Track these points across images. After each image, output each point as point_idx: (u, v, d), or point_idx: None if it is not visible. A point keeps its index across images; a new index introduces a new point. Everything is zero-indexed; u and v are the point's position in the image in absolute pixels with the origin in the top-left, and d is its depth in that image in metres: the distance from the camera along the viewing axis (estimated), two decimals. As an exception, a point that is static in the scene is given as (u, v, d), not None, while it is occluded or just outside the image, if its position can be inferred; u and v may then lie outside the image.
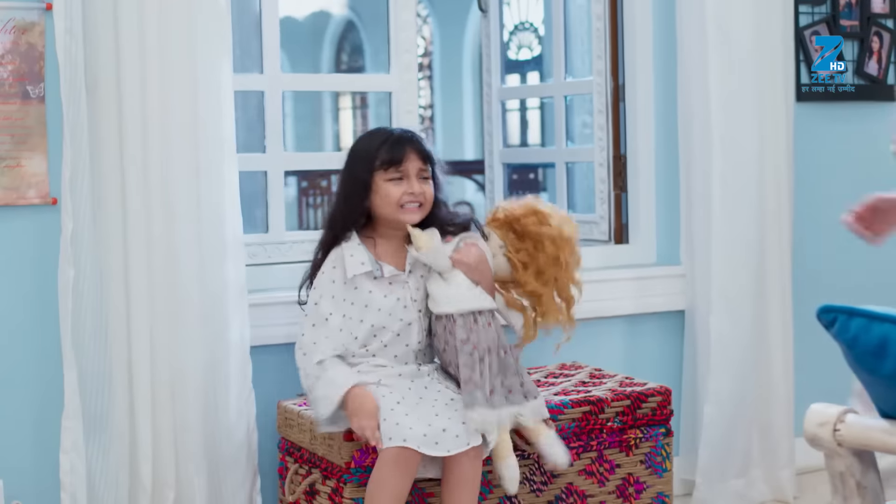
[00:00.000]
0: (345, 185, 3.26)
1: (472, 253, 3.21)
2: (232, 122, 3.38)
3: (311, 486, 3.28)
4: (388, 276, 3.19)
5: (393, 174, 3.18)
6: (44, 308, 3.29)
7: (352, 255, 3.19)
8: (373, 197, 3.20)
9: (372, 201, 3.20)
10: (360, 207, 3.21)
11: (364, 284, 3.18)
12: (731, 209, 4.03)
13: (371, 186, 3.19)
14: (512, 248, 3.27)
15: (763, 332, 4.11)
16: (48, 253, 3.27)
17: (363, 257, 3.19)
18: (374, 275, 3.19)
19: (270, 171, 3.77)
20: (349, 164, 3.26)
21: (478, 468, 3.08)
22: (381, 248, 3.23)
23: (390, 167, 3.18)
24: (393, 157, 3.18)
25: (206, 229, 3.33)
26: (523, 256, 3.26)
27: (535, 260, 3.26)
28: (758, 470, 4.16)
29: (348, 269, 3.17)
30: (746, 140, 4.04)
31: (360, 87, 5.78)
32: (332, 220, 3.26)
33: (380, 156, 3.19)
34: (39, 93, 3.28)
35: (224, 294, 3.37)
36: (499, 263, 3.29)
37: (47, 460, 3.28)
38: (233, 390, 3.39)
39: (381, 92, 3.95)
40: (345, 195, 3.24)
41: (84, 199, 3.20)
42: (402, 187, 3.18)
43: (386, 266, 3.20)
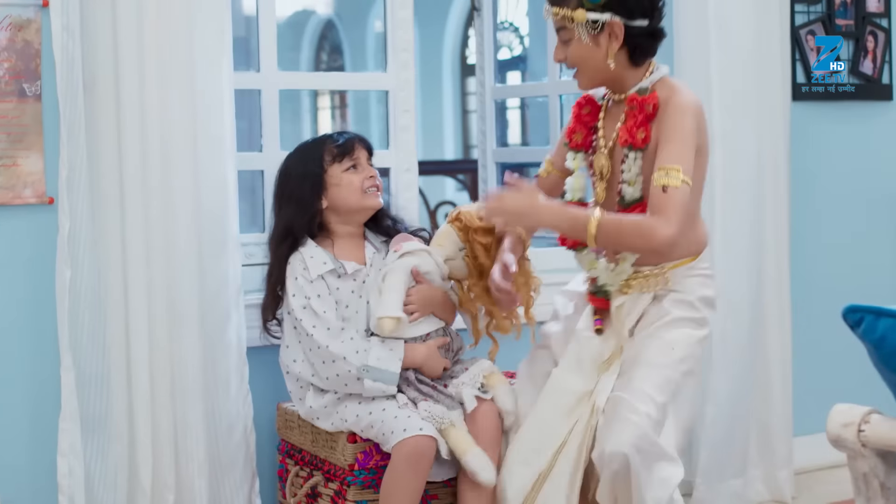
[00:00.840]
0: (293, 190, 3.27)
1: (419, 297, 3.20)
2: (232, 120, 3.35)
3: (313, 489, 3.25)
4: (352, 272, 3.24)
5: (347, 163, 3.27)
6: (40, 308, 3.24)
7: (312, 256, 3.23)
8: (331, 192, 3.25)
9: (330, 197, 3.25)
10: (315, 206, 3.25)
11: (331, 282, 3.22)
12: (730, 208, 4.02)
13: (324, 183, 3.25)
14: (470, 255, 3.23)
15: (761, 332, 4.10)
16: (45, 253, 3.22)
17: (323, 257, 3.23)
18: (338, 273, 3.22)
19: (267, 171, 3.73)
20: (292, 170, 3.30)
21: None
22: (339, 248, 3.28)
23: (344, 157, 3.27)
24: (345, 148, 3.28)
25: (206, 229, 3.30)
26: (479, 266, 3.22)
27: (488, 274, 3.14)
28: (756, 470, 4.15)
29: (312, 270, 3.21)
30: (745, 140, 4.04)
31: (357, 85, 5.73)
32: (286, 230, 3.26)
33: (329, 150, 3.28)
34: (36, 91, 3.24)
35: (223, 294, 3.33)
36: (457, 265, 3.26)
37: (44, 463, 3.24)
38: (231, 391, 3.35)
39: (361, 91, 3.90)
40: (296, 200, 3.26)
41: (81, 199, 3.16)
42: (360, 174, 3.27)
43: (347, 263, 3.25)
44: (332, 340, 3.12)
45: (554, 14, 3.02)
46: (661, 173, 2.88)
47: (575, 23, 2.98)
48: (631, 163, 2.99)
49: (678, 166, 2.87)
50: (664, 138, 2.93)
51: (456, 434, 3.06)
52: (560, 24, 3.03)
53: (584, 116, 3.16)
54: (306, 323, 3.15)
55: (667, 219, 2.84)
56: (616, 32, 2.98)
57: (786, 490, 4.13)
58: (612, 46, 2.99)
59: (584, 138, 3.15)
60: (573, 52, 3.03)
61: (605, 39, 2.99)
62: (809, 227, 4.41)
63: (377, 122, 13.92)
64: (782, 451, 4.13)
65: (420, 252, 3.24)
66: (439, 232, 3.29)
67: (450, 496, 3.21)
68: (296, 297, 3.18)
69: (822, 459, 4.46)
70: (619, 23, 2.97)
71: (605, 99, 3.15)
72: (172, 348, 3.26)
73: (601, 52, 3.00)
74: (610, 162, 3.08)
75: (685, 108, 2.96)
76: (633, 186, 2.99)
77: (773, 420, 4.13)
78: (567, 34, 3.02)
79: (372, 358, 3.10)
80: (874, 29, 4.46)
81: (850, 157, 4.52)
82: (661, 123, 2.97)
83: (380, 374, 3.09)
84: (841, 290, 4.51)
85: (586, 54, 3.01)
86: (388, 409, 3.07)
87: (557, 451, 2.98)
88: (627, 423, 2.85)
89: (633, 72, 3.05)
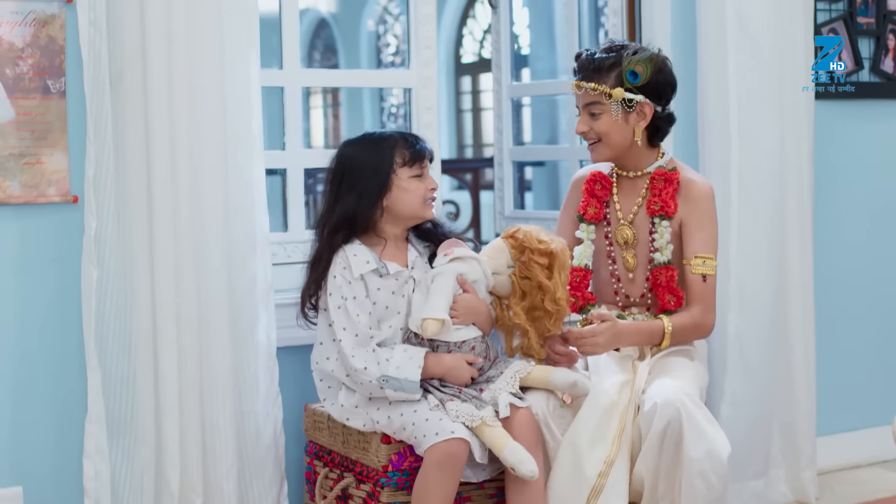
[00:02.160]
0: (357, 181, 3.19)
1: (464, 305, 3.16)
2: (259, 117, 3.30)
3: (344, 491, 3.21)
4: (394, 272, 3.19)
5: (417, 170, 3.20)
6: (65, 309, 3.19)
7: (355, 254, 3.17)
8: (394, 194, 3.18)
9: (392, 198, 3.18)
10: (377, 204, 3.18)
11: (372, 282, 3.16)
12: (751, 207, 3.99)
13: (392, 183, 3.16)
14: (518, 274, 3.20)
15: (784, 332, 4.07)
16: (69, 252, 3.18)
17: (367, 256, 3.18)
18: (380, 272, 3.17)
19: (290, 169, 3.69)
20: (361, 160, 3.20)
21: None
22: (380, 248, 3.22)
23: (414, 164, 3.20)
24: (418, 155, 3.20)
25: (235, 227, 3.25)
26: (525, 286, 3.19)
27: (531, 296, 3.19)
28: (779, 470, 4.12)
29: (354, 269, 3.15)
30: (766, 137, 4.00)
31: (379, 83, 5.65)
32: (345, 219, 3.18)
33: (402, 153, 3.19)
34: (60, 87, 3.19)
35: (252, 294, 3.29)
36: (502, 282, 3.23)
37: (69, 466, 3.19)
38: (260, 392, 3.31)
39: (354, 89, 3.84)
40: (360, 192, 3.18)
41: (108, 197, 3.12)
42: (425, 183, 3.20)
43: (390, 264, 3.20)
44: (356, 350, 3.08)
45: (591, 89, 3.27)
46: (698, 262, 3.30)
47: (612, 99, 3.26)
48: (663, 230, 3.32)
49: (712, 255, 3.30)
50: (696, 225, 3.32)
51: (491, 432, 3.02)
52: (594, 99, 3.29)
53: (597, 192, 3.44)
54: (337, 325, 3.11)
55: (709, 307, 3.31)
56: (646, 112, 3.30)
57: (810, 491, 4.10)
58: (640, 125, 3.31)
59: (598, 211, 3.42)
60: (602, 125, 3.30)
61: (634, 118, 3.30)
62: (832, 225, 4.39)
63: (370, 118, 13.90)
64: (806, 452, 4.10)
65: (470, 260, 3.20)
66: (492, 245, 3.26)
67: (483, 498, 3.18)
68: (332, 295, 3.14)
69: (845, 459, 4.46)
70: (650, 104, 3.30)
71: (613, 175, 3.43)
72: (201, 349, 3.22)
73: (629, 130, 3.31)
74: (633, 231, 3.35)
75: (709, 195, 3.35)
76: (663, 252, 3.32)
77: (797, 420, 4.10)
78: (599, 108, 3.29)
79: (392, 367, 3.06)
80: (895, 27, 4.43)
81: (870, 155, 4.50)
82: (687, 206, 3.32)
83: (399, 383, 3.05)
84: (863, 288, 4.50)
85: (614, 130, 3.30)
86: (420, 411, 3.04)
87: (617, 437, 3.09)
88: (675, 386, 3.07)
89: (649, 151, 3.38)
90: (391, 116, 14.39)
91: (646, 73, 3.26)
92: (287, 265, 3.61)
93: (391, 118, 14.39)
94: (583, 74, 3.31)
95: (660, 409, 3.02)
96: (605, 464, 3.05)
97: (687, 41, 4.10)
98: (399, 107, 14.39)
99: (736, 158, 3.96)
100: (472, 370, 3.14)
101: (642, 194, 3.37)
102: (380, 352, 3.08)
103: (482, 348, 3.18)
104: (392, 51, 14.25)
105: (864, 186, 4.51)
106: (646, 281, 3.37)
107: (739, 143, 3.97)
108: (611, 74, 3.27)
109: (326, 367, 3.16)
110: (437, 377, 3.12)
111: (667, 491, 3.07)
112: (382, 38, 14.35)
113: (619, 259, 3.41)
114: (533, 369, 3.14)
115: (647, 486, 3.11)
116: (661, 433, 3.02)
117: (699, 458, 3.00)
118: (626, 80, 3.26)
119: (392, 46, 14.29)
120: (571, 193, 3.52)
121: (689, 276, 3.30)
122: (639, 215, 3.38)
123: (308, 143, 15.38)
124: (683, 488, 3.03)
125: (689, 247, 3.30)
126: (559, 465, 3.07)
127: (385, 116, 14.37)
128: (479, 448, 3.03)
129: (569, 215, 3.51)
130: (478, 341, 3.18)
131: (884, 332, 4.57)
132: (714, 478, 3.02)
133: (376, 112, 14.24)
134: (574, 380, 3.09)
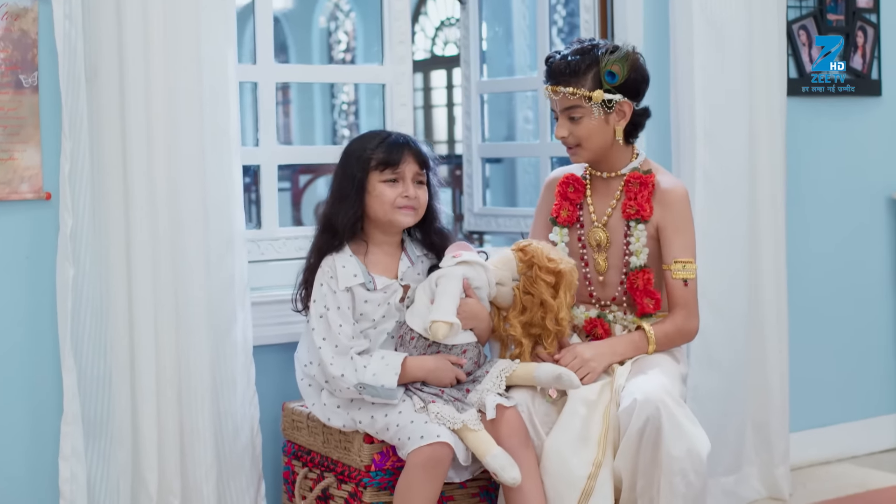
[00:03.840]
0: (340, 184, 3.16)
1: (466, 310, 3.12)
2: (237, 113, 3.26)
3: (325, 491, 3.17)
4: (382, 287, 3.14)
5: (388, 175, 3.14)
6: (39, 308, 3.13)
7: (343, 266, 3.12)
8: (367, 198, 3.13)
9: (366, 202, 3.13)
10: (355, 207, 3.13)
11: (359, 294, 3.12)
12: (725, 207, 3.99)
13: (366, 187, 3.13)
14: (522, 289, 3.18)
15: (758, 329, 4.08)
16: (43, 250, 3.12)
17: (355, 269, 3.13)
18: (367, 287, 3.12)
19: (264, 165, 3.64)
20: (344, 163, 3.19)
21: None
22: (372, 257, 3.17)
23: (386, 168, 3.14)
24: (390, 159, 3.14)
25: (213, 224, 3.21)
26: (527, 301, 3.17)
27: (531, 312, 3.17)
28: (752, 467, 4.13)
29: (341, 281, 3.10)
30: (734, 136, 4.00)
31: (353, 78, 5.58)
32: (326, 221, 3.16)
33: (375, 156, 3.14)
34: (33, 82, 3.12)
35: (230, 292, 3.25)
36: (504, 293, 3.19)
37: (45, 468, 3.13)
38: (238, 392, 3.26)
39: (305, 84, 3.78)
40: (339, 195, 3.15)
41: (83, 194, 3.06)
42: (397, 189, 3.14)
43: (379, 278, 3.15)
44: (335, 359, 3.03)
45: (570, 93, 3.23)
46: (678, 266, 3.25)
47: (592, 102, 3.22)
48: (639, 234, 3.28)
49: (691, 258, 3.26)
50: (674, 229, 3.27)
51: (474, 436, 2.99)
52: (573, 103, 3.25)
53: (570, 194, 3.39)
54: (317, 334, 3.07)
55: (692, 311, 3.28)
56: (625, 111, 3.26)
57: (783, 487, 4.11)
58: (621, 124, 3.27)
59: (571, 214, 3.38)
60: (583, 129, 3.26)
61: (614, 118, 3.26)
62: (803, 223, 4.40)
63: (321, 116, 13.85)
64: (780, 448, 4.11)
65: (476, 265, 3.16)
66: (500, 256, 3.21)
67: (466, 498, 3.16)
68: (316, 303, 3.10)
69: (815, 455, 4.48)
70: (628, 103, 3.26)
71: (587, 177, 3.39)
72: (179, 348, 3.17)
73: (609, 130, 3.27)
74: (607, 234, 3.31)
75: (685, 198, 3.31)
76: (639, 256, 3.28)
77: (771, 417, 4.11)
78: (579, 112, 3.25)
79: (368, 375, 3.01)
80: (864, 24, 4.46)
81: (839, 153, 4.52)
82: (664, 210, 3.27)
83: (375, 391, 3.01)
84: (833, 286, 4.52)
85: (596, 132, 3.26)
86: (405, 413, 3.00)
87: (602, 437, 3.06)
88: (655, 382, 3.05)
89: (625, 150, 3.33)
90: (342, 114, 14.35)
91: (623, 72, 3.23)
92: (261, 263, 3.58)
93: (342, 115, 14.34)
94: (558, 79, 3.25)
95: (639, 406, 3.00)
96: (593, 465, 3.03)
97: (660, 37, 4.09)
98: (350, 104, 14.34)
99: (701, 157, 3.96)
100: (457, 371, 3.11)
101: (616, 196, 3.34)
102: (357, 359, 3.03)
103: (474, 353, 3.15)
104: (343, 47, 14.20)
105: (833, 184, 4.53)
106: (619, 284, 3.33)
107: (706, 142, 3.96)
108: (588, 77, 3.23)
109: (310, 371, 3.12)
110: (420, 380, 3.09)
111: (645, 489, 3.05)
112: (333, 34, 14.30)
113: (590, 261, 3.37)
114: (517, 367, 3.12)
115: (626, 483, 3.09)
116: (640, 430, 3.00)
117: (679, 456, 2.98)
118: (605, 81, 3.22)
119: (343, 43, 14.24)
120: (545, 196, 3.48)
121: (670, 282, 3.26)
122: (613, 217, 3.34)
123: (256, 139, 15.27)
124: (662, 486, 3.01)
125: (669, 252, 3.26)
126: (546, 472, 3.05)
127: (336, 114, 14.33)
128: (463, 450, 3.00)
129: (542, 218, 3.47)
130: (471, 346, 3.15)
131: (854, 329, 4.60)
132: (693, 476, 3.01)
133: (327, 109, 14.19)
134: (559, 373, 3.06)
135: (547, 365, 3.11)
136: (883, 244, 4.63)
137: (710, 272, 3.94)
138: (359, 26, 14.25)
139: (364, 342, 3.08)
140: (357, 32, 14.28)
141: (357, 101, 14.26)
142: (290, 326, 3.41)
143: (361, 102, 14.21)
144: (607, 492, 3.05)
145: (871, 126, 4.57)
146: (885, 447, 4.67)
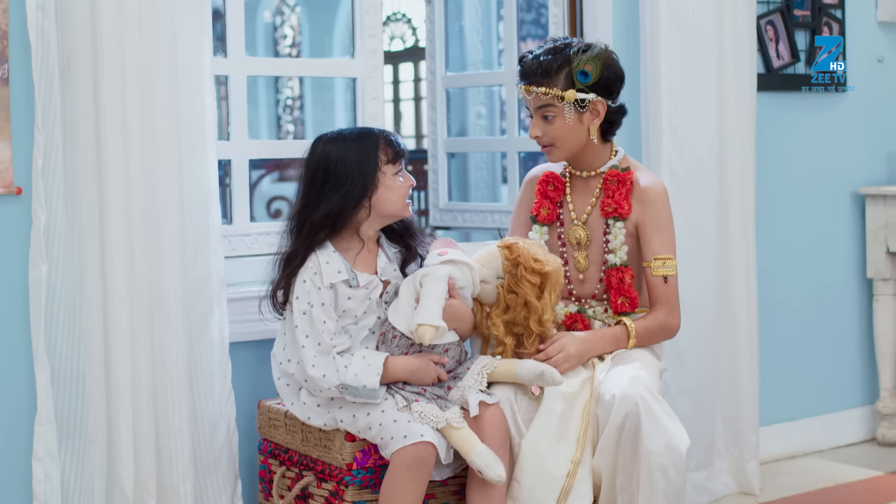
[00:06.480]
0: (343, 178, 3.07)
1: (450, 312, 3.08)
2: (213, 106, 3.21)
3: (304, 490, 3.13)
4: (364, 283, 3.11)
5: (399, 167, 3.13)
6: (11, 305, 3.06)
7: (327, 262, 3.08)
8: (379, 192, 3.09)
9: (376, 197, 3.09)
10: (363, 203, 3.08)
11: (342, 291, 3.08)
12: (695, 201, 3.99)
13: (376, 182, 3.08)
14: (506, 287, 3.15)
15: (728, 324, 4.09)
16: (14, 246, 3.05)
17: (339, 266, 3.08)
18: (350, 284, 3.08)
19: (235, 160, 3.59)
20: (347, 155, 3.09)
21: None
22: (353, 254, 3.13)
23: (397, 161, 3.12)
24: (400, 152, 3.13)
25: (188, 219, 3.16)
26: (511, 300, 3.15)
27: (514, 311, 3.14)
28: (722, 462, 4.14)
29: (325, 277, 3.06)
30: (702, 131, 4.00)
31: (323, 72, 5.43)
32: (329, 217, 3.07)
33: (386, 151, 3.11)
34: (3, 74, 3.05)
35: (206, 289, 3.20)
36: (488, 290, 3.16)
37: (17, 468, 3.06)
38: (214, 390, 3.21)
39: (249, 77, 3.71)
40: (346, 190, 3.07)
41: (57, 189, 3.00)
42: (407, 182, 3.14)
43: (361, 275, 3.11)
44: (317, 359, 2.99)
45: (542, 93, 3.22)
46: (658, 263, 3.26)
47: (564, 102, 3.22)
48: (617, 231, 3.28)
49: (671, 255, 3.27)
50: (653, 226, 3.28)
51: (458, 434, 2.96)
52: (546, 102, 3.25)
53: (549, 192, 3.40)
54: (300, 332, 3.01)
55: (673, 307, 3.28)
56: (599, 110, 3.26)
57: (754, 482, 4.12)
58: (595, 123, 3.27)
59: (551, 212, 3.38)
60: (557, 129, 3.25)
61: (588, 117, 3.26)
62: (771, 218, 4.41)
63: (266, 111, 13.72)
64: (750, 443, 4.12)
65: (462, 264, 3.12)
66: (485, 252, 3.18)
67: (447, 495, 3.13)
68: (299, 299, 3.04)
69: (783, 449, 4.49)
70: (602, 101, 3.25)
71: (566, 176, 3.39)
72: (154, 346, 3.12)
73: (583, 129, 3.27)
74: (587, 232, 3.30)
75: (664, 195, 3.31)
76: (617, 254, 3.28)
77: (741, 412, 4.12)
78: (552, 111, 3.25)
79: (349, 375, 2.98)
80: (829, 20, 4.48)
81: (806, 148, 4.54)
82: (642, 207, 3.28)
83: (357, 391, 2.97)
84: (801, 281, 4.54)
85: (569, 132, 3.26)
86: (388, 412, 2.97)
87: (581, 435, 3.05)
88: (634, 378, 3.04)
89: (603, 148, 3.33)
90: (286, 109, 14.24)
91: (595, 72, 3.22)
92: (233, 258, 3.53)
93: (286, 111, 14.23)
94: (530, 79, 3.25)
95: (618, 401, 2.99)
96: (572, 464, 3.02)
97: (630, 32, 4.09)
98: (295, 99, 14.23)
99: (667, 152, 3.96)
100: (439, 370, 3.08)
101: (596, 194, 3.33)
102: (338, 359, 3.00)
103: (457, 352, 3.13)
104: (289, 42, 14.10)
105: (798, 179, 4.55)
106: (599, 282, 3.33)
107: (672, 138, 3.96)
108: (560, 76, 3.22)
109: (288, 369, 3.07)
110: (402, 380, 3.05)
111: (625, 485, 3.04)
112: (279, 29, 14.19)
113: (570, 259, 3.37)
114: (499, 363, 3.09)
115: (605, 479, 3.08)
116: (619, 426, 2.99)
117: (658, 451, 2.97)
118: (577, 80, 3.21)
119: (289, 38, 14.14)
120: (524, 194, 3.47)
121: (650, 279, 3.27)
122: (592, 215, 3.34)
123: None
124: (642, 482, 3.00)
125: (649, 249, 3.27)
126: (523, 472, 3.03)
127: (280, 109, 14.22)
128: (446, 449, 2.98)
129: (522, 216, 3.46)
130: (453, 345, 3.12)
131: (822, 323, 4.62)
132: (673, 472, 3.00)
133: (271, 105, 14.08)
134: (541, 370, 3.04)
135: (529, 361, 3.08)
136: (850, 239, 4.66)
137: (680, 267, 3.93)
138: (304, 21, 14.16)
139: (346, 340, 3.05)
140: (302, 27, 14.19)
141: (302, 95, 14.16)
142: (264, 323, 3.35)
143: (307, 97, 14.12)
144: (587, 489, 3.04)
145: (837, 121, 4.59)
146: (853, 440, 4.70)
